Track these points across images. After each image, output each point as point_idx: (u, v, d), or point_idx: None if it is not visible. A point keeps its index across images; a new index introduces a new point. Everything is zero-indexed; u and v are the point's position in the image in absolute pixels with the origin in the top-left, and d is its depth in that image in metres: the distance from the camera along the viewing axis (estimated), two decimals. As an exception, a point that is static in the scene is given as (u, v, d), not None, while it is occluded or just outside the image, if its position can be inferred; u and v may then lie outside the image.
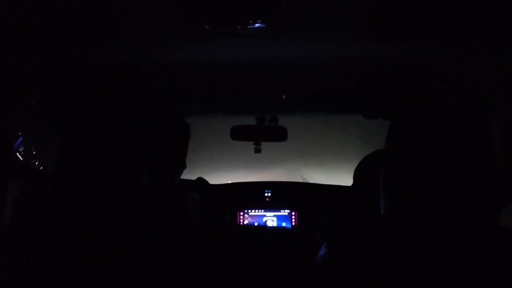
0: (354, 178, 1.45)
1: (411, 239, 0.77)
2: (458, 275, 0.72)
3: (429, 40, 1.15)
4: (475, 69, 1.26)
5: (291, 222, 2.47)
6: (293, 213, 2.48)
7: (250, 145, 2.48)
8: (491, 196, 0.76)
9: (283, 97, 1.86)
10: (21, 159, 1.62)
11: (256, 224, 2.48)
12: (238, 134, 2.37)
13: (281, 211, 2.49)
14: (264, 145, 2.49)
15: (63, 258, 0.81)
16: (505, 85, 1.17)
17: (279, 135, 2.34)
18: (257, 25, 1.02)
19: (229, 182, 2.75)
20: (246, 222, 2.48)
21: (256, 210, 2.50)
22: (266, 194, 2.59)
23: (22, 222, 0.89)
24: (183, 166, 1.29)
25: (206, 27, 1.03)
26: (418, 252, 0.75)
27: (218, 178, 2.83)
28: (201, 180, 2.53)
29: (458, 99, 0.85)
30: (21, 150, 1.61)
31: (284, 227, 2.46)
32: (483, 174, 0.76)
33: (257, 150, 2.50)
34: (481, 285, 0.71)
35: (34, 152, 1.74)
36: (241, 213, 2.49)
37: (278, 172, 2.90)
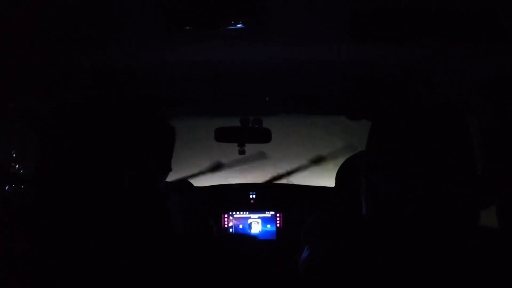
0: (336, 179, 1.45)
1: (393, 240, 0.78)
2: (440, 274, 0.73)
3: (411, 44, 1.16)
4: (456, 73, 1.28)
5: (276, 224, 2.47)
6: (278, 215, 2.49)
7: (234, 147, 2.48)
8: (471, 198, 0.77)
9: (267, 98, 1.87)
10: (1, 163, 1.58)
11: (240, 226, 2.47)
12: (222, 135, 2.37)
13: (266, 213, 2.49)
14: (248, 147, 2.49)
15: (42, 263, 0.79)
16: (484, 88, 1.20)
17: (263, 137, 2.35)
18: (239, 26, 1.01)
19: (214, 184, 2.73)
20: (230, 224, 2.47)
21: (241, 212, 2.50)
22: (250, 196, 2.59)
23: (1, 226, 0.86)
24: (168, 169, 1.28)
25: (187, 28, 1.02)
26: (399, 252, 0.76)
27: (202, 180, 2.82)
28: (185, 183, 2.52)
29: (439, 102, 0.86)
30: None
31: (269, 230, 2.46)
32: (463, 176, 0.77)
33: (241, 152, 2.50)
34: (463, 283, 0.72)
35: (13, 156, 1.71)
36: (226, 216, 2.49)
37: (263, 174, 2.90)
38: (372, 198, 0.83)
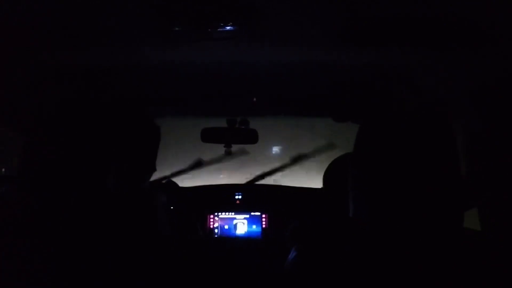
0: (324, 181, 1.46)
1: (378, 242, 0.78)
2: (425, 275, 0.74)
3: (397, 48, 1.18)
4: (442, 77, 1.30)
5: (262, 224, 2.47)
6: (263, 216, 2.49)
7: (221, 148, 2.47)
8: (455, 199, 0.79)
9: (254, 99, 1.87)
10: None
11: (226, 226, 2.46)
12: (209, 136, 2.36)
13: (252, 213, 2.49)
14: (235, 148, 2.49)
15: (26, 263, 0.78)
16: (469, 92, 1.22)
17: (250, 138, 2.35)
18: (228, 28, 1.01)
19: (199, 184, 2.72)
20: (216, 225, 2.46)
21: (226, 213, 2.49)
22: (236, 197, 2.58)
23: None
24: (153, 169, 1.27)
25: (176, 29, 1.02)
26: (386, 253, 0.76)
27: (188, 180, 2.80)
28: (170, 183, 2.51)
29: (424, 105, 0.87)
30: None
31: (255, 231, 2.46)
32: (447, 177, 0.78)
33: (228, 153, 2.49)
34: (446, 284, 0.73)
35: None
36: (211, 216, 2.48)
37: (248, 175, 2.90)
38: (359, 199, 0.83)
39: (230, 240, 2.44)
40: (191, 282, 0.86)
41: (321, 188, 1.52)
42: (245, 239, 2.45)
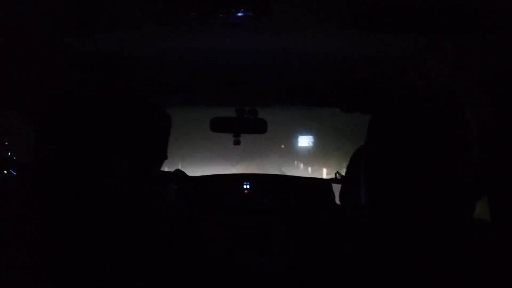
0: (346, 172, 1.47)
1: (390, 231, 0.78)
2: (436, 267, 0.74)
3: (408, 36, 1.17)
4: (453, 65, 1.29)
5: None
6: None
7: (229, 137, 2.48)
8: (468, 190, 0.78)
9: (263, 89, 1.86)
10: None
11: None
12: (218, 126, 2.37)
13: (260, 202, 2.50)
14: (243, 137, 2.49)
15: (45, 254, 0.79)
16: (481, 81, 1.20)
17: (259, 127, 2.35)
18: (239, 14, 1.01)
19: (208, 174, 2.74)
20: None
21: (235, 202, 2.51)
22: (244, 186, 2.59)
23: None
24: (164, 157, 1.28)
25: (187, 16, 1.01)
26: (398, 244, 0.77)
27: (197, 170, 2.82)
28: (179, 172, 2.52)
29: (436, 94, 0.86)
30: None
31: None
32: (460, 168, 0.77)
33: (237, 142, 2.50)
34: (458, 276, 0.73)
35: (5, 143, 1.70)
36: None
37: (257, 165, 2.91)
38: (371, 188, 0.83)
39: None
40: (197, 272, 0.88)
41: (328, 178, 1.53)
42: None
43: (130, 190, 0.99)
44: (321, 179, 2.62)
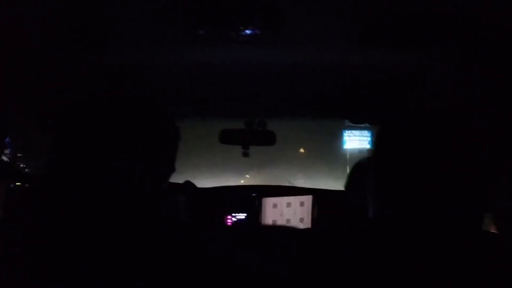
0: (347, 183, 1.46)
1: (398, 244, 0.78)
2: (444, 278, 0.74)
3: (416, 48, 1.18)
4: (461, 77, 1.29)
5: (278, 226, 2.47)
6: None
7: (238, 149, 2.49)
8: (476, 201, 0.78)
9: (272, 102, 1.88)
10: (7, 160, 1.60)
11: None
12: (227, 138, 2.38)
13: (268, 214, 2.50)
14: (252, 149, 2.50)
15: (55, 260, 0.80)
16: (489, 93, 1.21)
17: (268, 139, 2.36)
18: (248, 32, 1.03)
19: (216, 185, 2.74)
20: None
21: (243, 214, 2.50)
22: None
23: (11, 225, 0.88)
24: (172, 169, 1.29)
25: (199, 32, 1.04)
26: (406, 256, 0.77)
27: (205, 181, 2.83)
28: (188, 184, 2.53)
29: (444, 106, 0.87)
30: (7, 152, 1.59)
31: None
32: (468, 179, 0.78)
33: (245, 154, 2.51)
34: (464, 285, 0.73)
35: (20, 154, 1.72)
36: (228, 217, 2.49)
37: (265, 176, 2.91)
38: (379, 200, 0.84)
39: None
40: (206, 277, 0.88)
41: (345, 190, 1.52)
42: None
43: (140, 200, 1.00)
44: (331, 191, 2.62)
